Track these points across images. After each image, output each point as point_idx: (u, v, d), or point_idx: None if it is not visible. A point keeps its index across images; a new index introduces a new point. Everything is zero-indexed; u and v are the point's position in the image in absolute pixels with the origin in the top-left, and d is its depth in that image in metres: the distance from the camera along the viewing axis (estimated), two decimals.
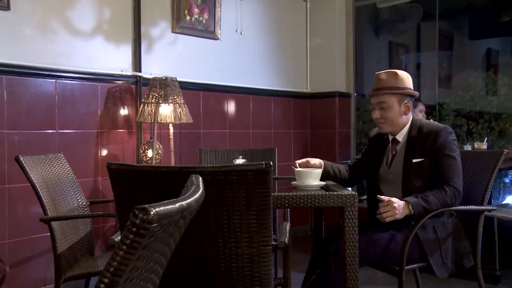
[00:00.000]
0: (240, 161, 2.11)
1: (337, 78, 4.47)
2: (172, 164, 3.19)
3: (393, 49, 5.21)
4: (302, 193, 1.78)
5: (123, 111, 3.21)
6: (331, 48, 4.47)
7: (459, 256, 2.06)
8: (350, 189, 1.96)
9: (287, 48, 4.37)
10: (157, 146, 3.08)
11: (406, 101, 2.13)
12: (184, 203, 0.60)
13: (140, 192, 1.40)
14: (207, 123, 3.69)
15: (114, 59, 3.16)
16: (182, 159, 3.38)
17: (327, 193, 1.80)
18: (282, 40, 4.33)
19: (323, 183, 2.10)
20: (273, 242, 1.47)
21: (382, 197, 1.97)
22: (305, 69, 4.53)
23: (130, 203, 1.42)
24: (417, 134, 2.10)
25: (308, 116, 4.53)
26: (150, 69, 3.32)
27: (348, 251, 1.79)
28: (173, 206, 0.55)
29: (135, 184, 1.39)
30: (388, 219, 1.93)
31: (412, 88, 2.16)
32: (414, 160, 2.07)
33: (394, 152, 2.16)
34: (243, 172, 1.37)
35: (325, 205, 1.78)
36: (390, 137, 2.20)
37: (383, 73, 2.15)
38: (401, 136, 2.15)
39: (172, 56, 3.49)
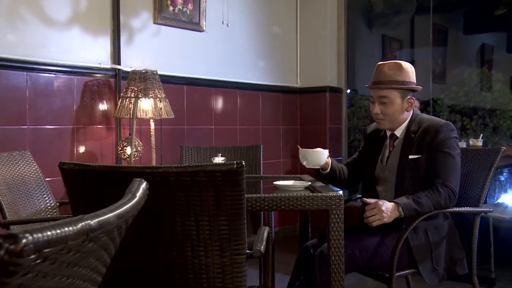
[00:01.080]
0: (219, 159, 1.96)
1: (328, 73, 4.32)
2: (153, 162, 3.04)
3: (387, 43, 5.08)
4: (282, 195, 1.63)
5: (101, 106, 3.05)
6: (322, 41, 4.32)
7: (453, 262, 1.92)
8: (340, 191, 1.82)
9: (276, 41, 4.22)
10: (136, 143, 2.92)
11: (409, 97, 1.97)
12: (92, 222, 0.45)
13: (97, 195, 1.24)
14: (192, 119, 3.54)
15: (92, 51, 2.99)
16: (163, 157, 3.22)
17: (310, 194, 1.65)
18: (271, 32, 4.17)
19: (308, 183, 1.96)
20: (248, 251, 1.33)
21: (368, 199, 1.82)
22: (295, 63, 4.38)
23: (86, 208, 1.27)
24: (417, 129, 1.95)
25: (298, 112, 4.39)
26: (131, 62, 3.16)
27: (333, 257, 1.65)
28: (70, 228, 0.40)
29: (91, 187, 1.24)
30: (375, 224, 1.79)
31: (415, 82, 2.00)
32: (410, 156, 1.92)
33: (391, 148, 2.02)
34: (212, 173, 1.22)
35: (308, 208, 1.64)
36: (388, 133, 2.05)
37: (386, 64, 1.98)
38: (399, 131, 2.00)
39: (154, 48, 3.33)
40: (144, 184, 0.71)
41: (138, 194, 0.64)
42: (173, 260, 1.31)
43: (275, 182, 1.95)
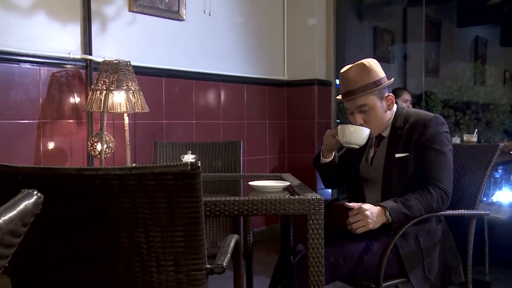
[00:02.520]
0: (188, 157, 1.77)
1: (317, 65, 4.13)
2: (128, 159, 2.84)
3: (378, 35, 4.92)
4: (254, 198, 1.44)
5: (71, 99, 2.84)
6: (310, 33, 4.13)
7: (447, 269, 1.75)
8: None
9: (262, 31, 4.02)
10: (108, 139, 2.72)
11: (387, 94, 1.78)
12: None
13: None
14: (171, 113, 3.34)
15: (60, 40, 2.78)
16: (138, 153, 3.02)
17: (286, 197, 1.47)
18: (256, 22, 3.97)
19: (286, 183, 1.77)
20: (208, 266, 1.14)
21: (351, 204, 1.64)
22: (281, 54, 4.19)
23: None
24: (403, 124, 1.77)
25: (285, 106, 4.20)
26: (104, 52, 2.95)
27: (312, 267, 1.47)
28: None
29: (15, 193, 1.04)
30: (359, 231, 1.61)
31: (384, 75, 1.81)
32: (397, 155, 1.74)
33: (376, 148, 1.83)
34: (161, 175, 1.03)
35: (283, 213, 1.46)
36: None
37: (349, 70, 1.76)
38: (386, 131, 1.81)
39: (129, 38, 3.12)
40: (31, 200, 0.52)
41: (5, 218, 0.45)
42: (119, 276, 1.12)
43: (250, 183, 1.76)
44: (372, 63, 1.78)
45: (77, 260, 1.11)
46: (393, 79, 1.83)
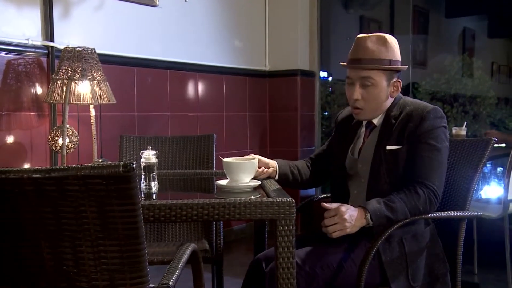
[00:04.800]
0: (148, 153, 1.57)
1: (300, 55, 3.95)
2: (94, 154, 2.64)
3: (364, 24, 4.76)
4: (216, 201, 1.26)
5: (31, 89, 2.62)
6: (293, 21, 3.94)
7: (433, 277, 1.58)
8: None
9: (242, 19, 3.81)
10: (71, 132, 2.51)
11: (395, 79, 1.60)
12: None
13: None
14: (144, 105, 3.13)
15: (16, 25, 2.55)
16: (105, 148, 2.81)
17: (253, 200, 1.28)
18: (236, 9, 3.76)
19: (258, 182, 1.59)
20: (152, 285, 0.95)
21: (327, 204, 1.45)
22: (263, 43, 3.99)
23: None
24: (398, 114, 1.59)
25: (266, 98, 4.01)
26: (68, 39, 2.73)
27: (282, 280, 1.29)
28: None
29: None
30: (335, 235, 1.43)
31: (400, 59, 1.62)
32: (388, 147, 1.56)
33: (366, 137, 1.65)
34: (88, 179, 0.83)
35: (249, 218, 1.27)
36: (364, 121, 1.68)
37: (368, 38, 1.57)
38: (378, 120, 1.63)
39: (97, 24, 2.90)
40: None
41: None
42: None
43: (217, 182, 1.57)
44: (393, 41, 1.60)
45: None
46: (407, 66, 1.65)
